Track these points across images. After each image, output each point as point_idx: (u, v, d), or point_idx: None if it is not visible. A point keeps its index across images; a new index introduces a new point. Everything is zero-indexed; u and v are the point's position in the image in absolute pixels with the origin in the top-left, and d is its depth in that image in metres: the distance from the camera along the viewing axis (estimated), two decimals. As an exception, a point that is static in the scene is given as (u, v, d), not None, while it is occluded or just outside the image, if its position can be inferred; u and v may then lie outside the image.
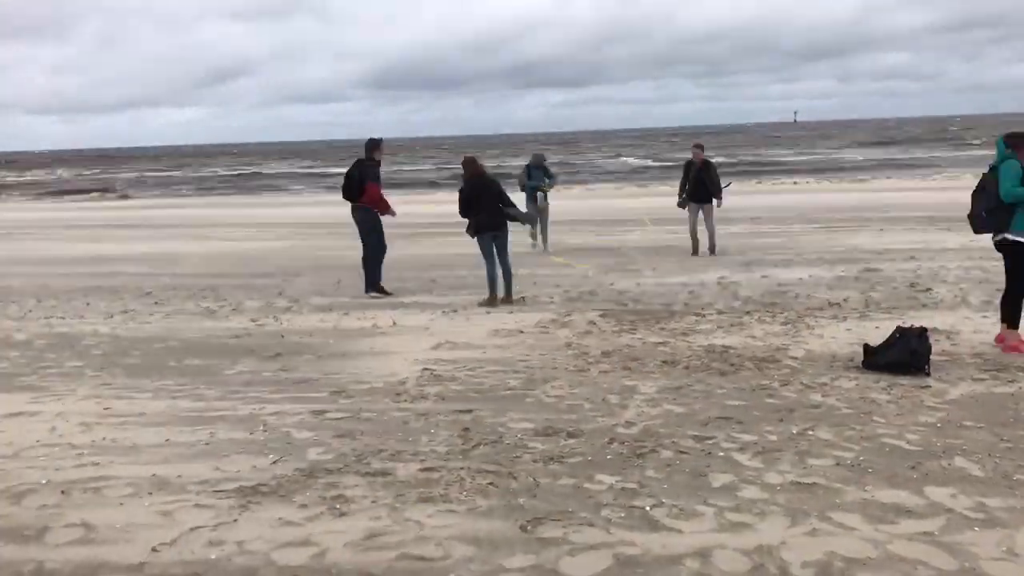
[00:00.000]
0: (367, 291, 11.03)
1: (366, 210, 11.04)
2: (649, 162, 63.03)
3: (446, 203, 28.08)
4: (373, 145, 11.17)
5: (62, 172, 79.33)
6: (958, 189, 26.87)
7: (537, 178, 14.94)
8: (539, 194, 14.89)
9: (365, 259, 11.16)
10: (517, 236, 12.04)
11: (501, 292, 10.24)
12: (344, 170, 11.76)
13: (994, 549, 3.83)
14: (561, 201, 21.64)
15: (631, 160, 66.39)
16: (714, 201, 13.95)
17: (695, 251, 14.08)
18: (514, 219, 10.45)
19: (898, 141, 79.85)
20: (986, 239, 7.72)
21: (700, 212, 14.05)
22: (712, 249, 13.99)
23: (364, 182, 10.89)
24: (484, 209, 10.15)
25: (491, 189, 10.32)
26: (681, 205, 14.32)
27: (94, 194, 46.61)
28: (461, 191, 10.38)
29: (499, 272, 10.23)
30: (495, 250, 10.21)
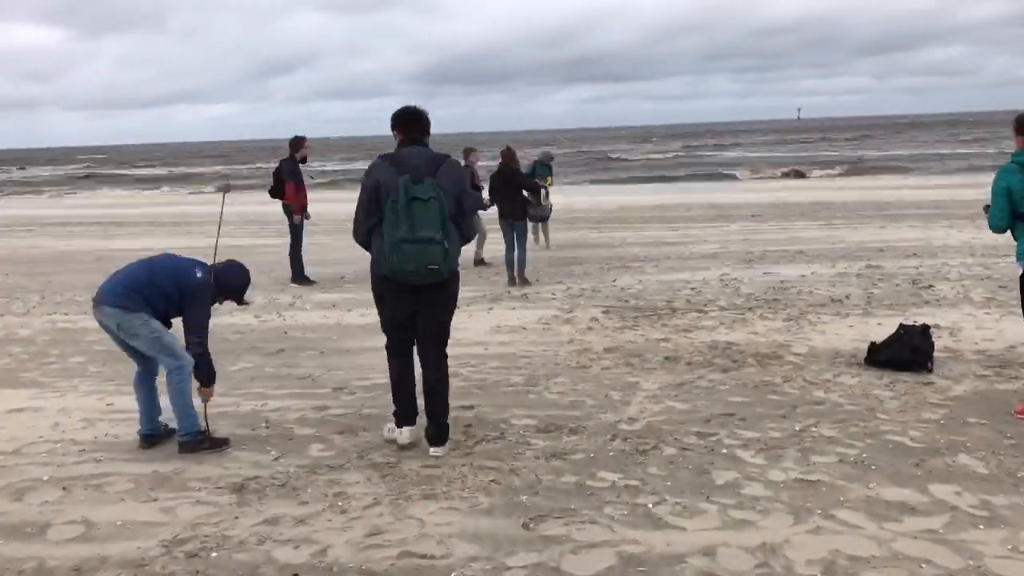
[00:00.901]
0: (292, 281, 11.89)
1: (287, 206, 11.92)
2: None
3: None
4: (296, 143, 11.84)
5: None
6: (957, 187, 26.86)
7: (542, 176, 14.64)
8: (541, 192, 14.79)
9: (291, 252, 12.02)
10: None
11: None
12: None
13: (999, 547, 3.82)
14: (560, 198, 21.62)
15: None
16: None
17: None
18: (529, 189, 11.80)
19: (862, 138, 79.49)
20: (987, 236, 7.69)
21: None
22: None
23: (284, 181, 11.75)
24: (505, 197, 11.44)
25: (514, 180, 11.53)
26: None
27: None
28: (492, 177, 11.84)
29: (516, 256, 11.29)
30: (514, 236, 11.29)
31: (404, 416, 5.29)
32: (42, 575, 3.86)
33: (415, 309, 5.12)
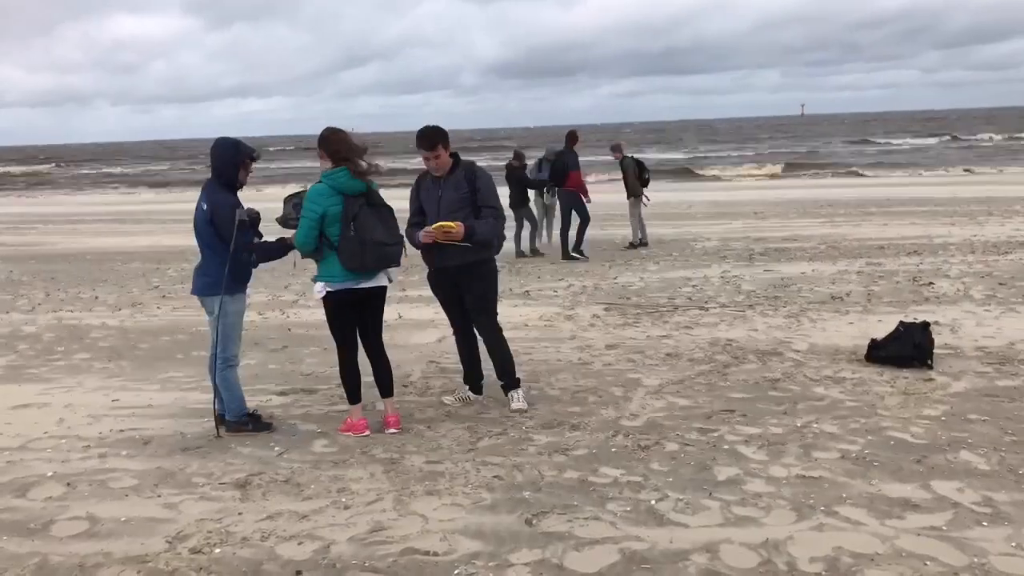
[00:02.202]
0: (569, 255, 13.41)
1: (570, 192, 13.58)
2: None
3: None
4: (574, 136, 13.82)
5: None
6: (955, 185, 26.83)
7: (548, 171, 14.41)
8: (545, 190, 14.59)
9: (565, 231, 13.63)
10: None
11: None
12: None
13: (1003, 544, 3.82)
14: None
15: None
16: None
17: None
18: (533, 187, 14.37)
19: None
20: (989, 233, 7.70)
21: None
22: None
23: (569, 170, 13.47)
24: (511, 191, 13.79)
25: (515, 175, 14.16)
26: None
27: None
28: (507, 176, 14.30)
29: (525, 233, 14.06)
30: (522, 219, 14.13)
31: (470, 378, 6.22)
32: (46, 571, 3.87)
33: (459, 292, 5.93)
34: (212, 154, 5.46)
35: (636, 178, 14.59)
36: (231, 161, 5.42)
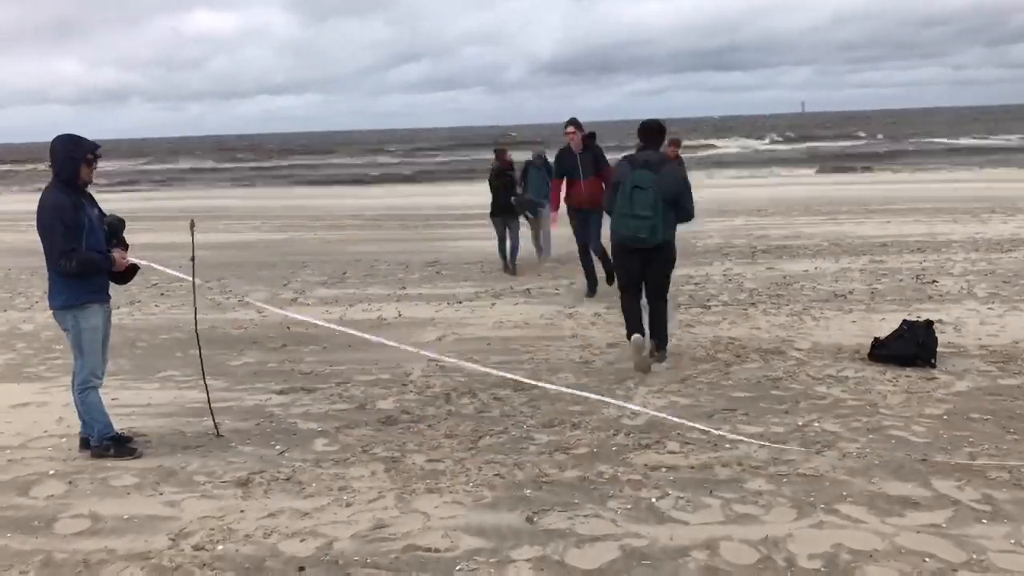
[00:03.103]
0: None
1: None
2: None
3: (452, 195, 28.07)
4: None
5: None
6: (958, 183, 26.82)
7: (538, 178, 12.50)
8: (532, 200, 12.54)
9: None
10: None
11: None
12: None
13: (1002, 541, 3.83)
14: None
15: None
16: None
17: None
18: (523, 207, 12.08)
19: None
20: (993, 231, 7.69)
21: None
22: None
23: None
24: (499, 195, 11.88)
25: (504, 178, 12.01)
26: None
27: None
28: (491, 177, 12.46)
29: (508, 246, 11.85)
30: (507, 231, 11.85)
31: (634, 327, 6.77)
32: (49, 569, 3.88)
33: (641, 267, 6.78)
34: (51, 152, 4.96)
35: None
36: (70, 156, 4.95)
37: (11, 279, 12.89)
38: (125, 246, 5.32)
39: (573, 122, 9.89)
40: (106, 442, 5.21)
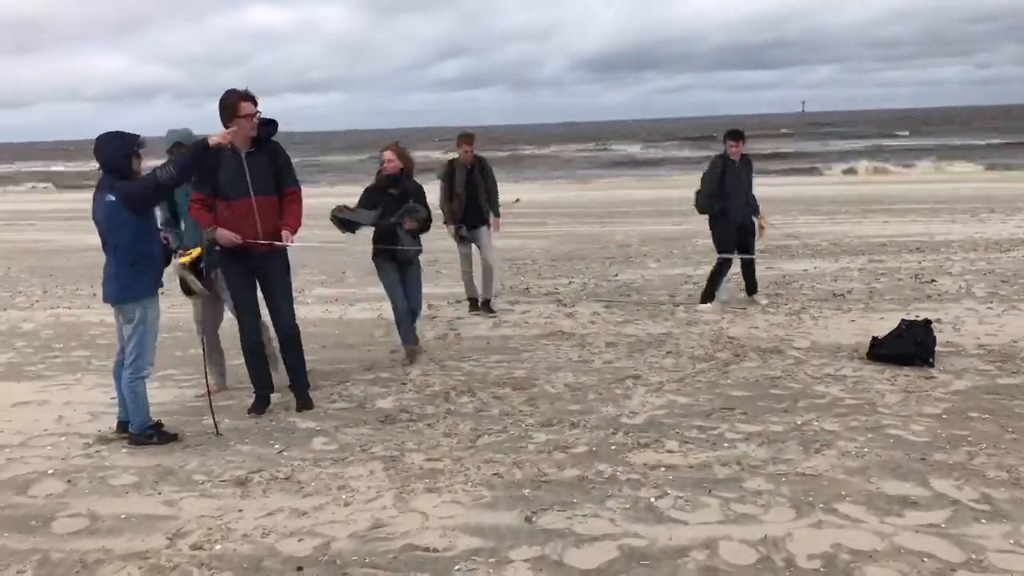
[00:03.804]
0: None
1: None
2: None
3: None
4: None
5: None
6: (955, 181, 26.81)
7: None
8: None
9: None
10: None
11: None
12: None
13: (1001, 541, 3.83)
14: (564, 193, 21.60)
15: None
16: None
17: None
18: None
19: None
20: (992, 231, 7.69)
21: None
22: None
23: None
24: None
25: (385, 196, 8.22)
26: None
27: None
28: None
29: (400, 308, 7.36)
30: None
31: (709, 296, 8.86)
32: (47, 568, 3.88)
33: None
34: (98, 152, 5.17)
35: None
36: (121, 152, 5.15)
37: (11, 278, 12.89)
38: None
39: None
40: (148, 431, 5.41)
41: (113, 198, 5.11)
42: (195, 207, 5.64)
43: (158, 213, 5.88)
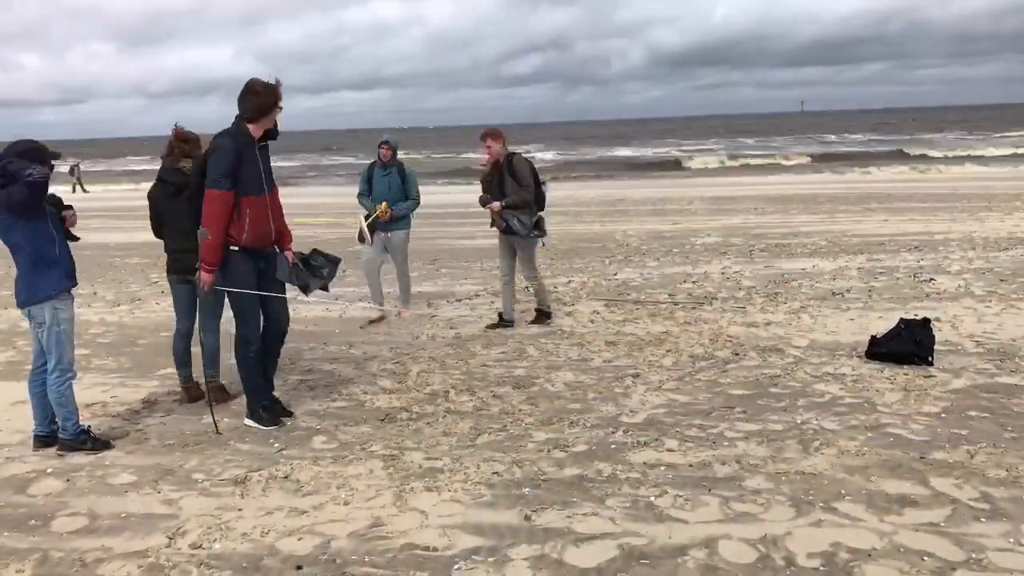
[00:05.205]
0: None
1: None
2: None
3: (453, 193, 28.06)
4: None
5: None
6: (954, 180, 26.83)
7: None
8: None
9: None
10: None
11: None
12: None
13: (1001, 540, 3.83)
14: (569, 192, 21.59)
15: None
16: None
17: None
18: None
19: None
20: (990, 229, 7.70)
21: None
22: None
23: None
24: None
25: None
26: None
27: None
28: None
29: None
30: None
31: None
32: (46, 567, 3.88)
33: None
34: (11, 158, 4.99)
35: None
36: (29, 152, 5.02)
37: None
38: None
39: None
40: (82, 435, 5.30)
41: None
42: (223, 209, 5.29)
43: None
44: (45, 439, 5.36)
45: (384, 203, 8.56)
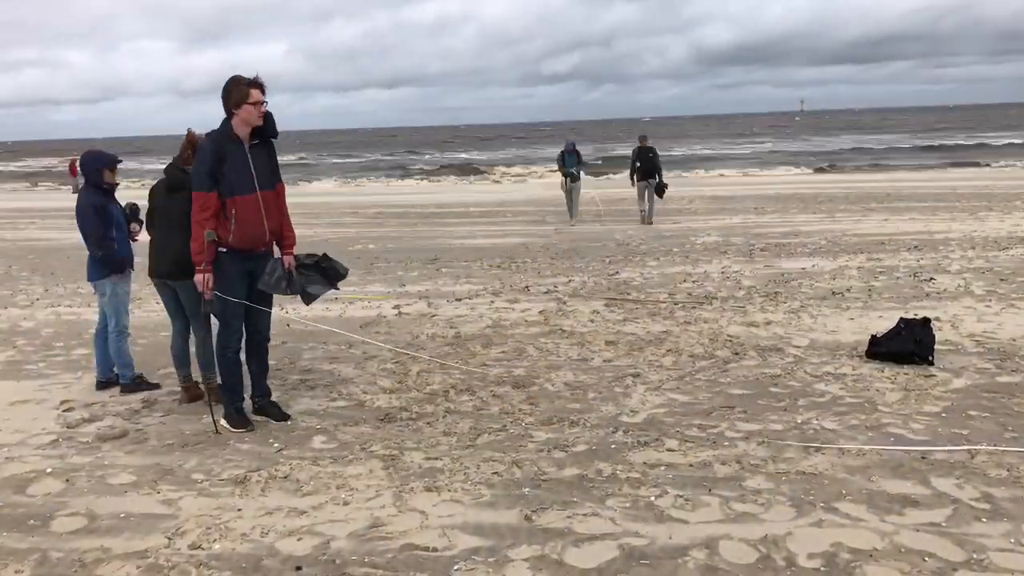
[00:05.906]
0: None
1: None
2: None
3: (451, 192, 28.00)
4: None
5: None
6: (953, 180, 26.81)
7: (570, 163, 18.54)
8: (572, 172, 18.64)
9: None
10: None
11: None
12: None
13: (1002, 540, 3.82)
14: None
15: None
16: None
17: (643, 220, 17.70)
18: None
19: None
20: (990, 229, 7.70)
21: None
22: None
23: None
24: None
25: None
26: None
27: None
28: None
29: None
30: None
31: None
32: (46, 567, 3.87)
33: None
34: (86, 166, 6.49)
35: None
36: (94, 167, 6.42)
37: (12, 276, 12.87)
38: (140, 223, 6.72)
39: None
40: (137, 380, 6.60)
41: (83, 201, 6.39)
42: (205, 214, 5.28)
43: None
44: (104, 384, 6.63)
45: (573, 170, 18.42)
